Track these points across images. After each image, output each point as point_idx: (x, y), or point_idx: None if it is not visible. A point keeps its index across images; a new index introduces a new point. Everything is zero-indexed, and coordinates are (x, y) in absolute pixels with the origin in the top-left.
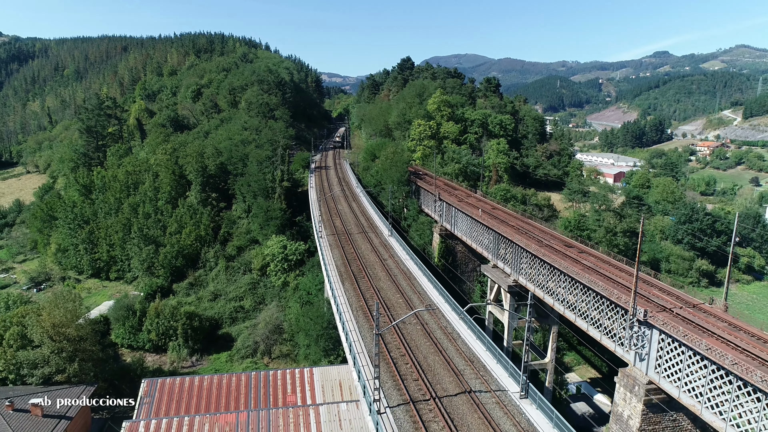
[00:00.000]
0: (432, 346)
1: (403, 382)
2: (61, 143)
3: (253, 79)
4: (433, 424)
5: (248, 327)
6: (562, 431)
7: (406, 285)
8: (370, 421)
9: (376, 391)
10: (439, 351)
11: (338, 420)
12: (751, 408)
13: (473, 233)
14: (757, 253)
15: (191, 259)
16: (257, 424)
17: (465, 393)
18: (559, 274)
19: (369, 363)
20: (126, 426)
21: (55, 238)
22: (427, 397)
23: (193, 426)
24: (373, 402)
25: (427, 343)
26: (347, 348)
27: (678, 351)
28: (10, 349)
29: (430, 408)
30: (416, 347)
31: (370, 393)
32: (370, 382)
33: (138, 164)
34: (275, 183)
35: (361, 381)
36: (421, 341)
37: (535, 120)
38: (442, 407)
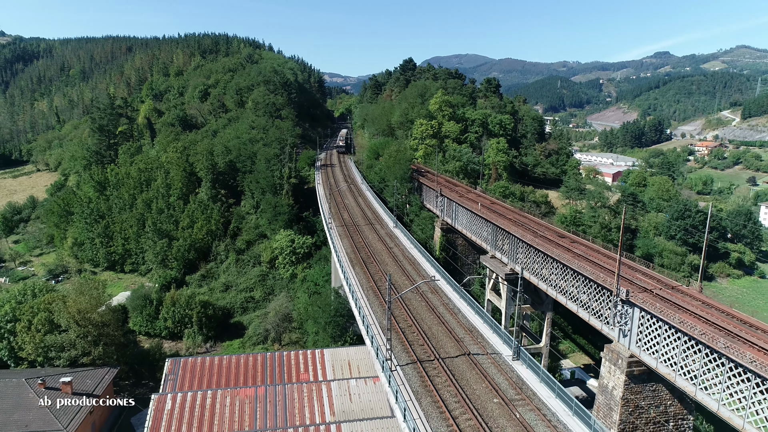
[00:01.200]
0: (435, 318)
1: (411, 346)
2: (70, 142)
3: (259, 79)
4: (436, 378)
5: (259, 316)
6: (547, 383)
7: (411, 269)
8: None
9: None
10: (441, 323)
11: (348, 394)
12: (717, 372)
13: (473, 226)
14: (748, 249)
15: (203, 252)
16: (274, 397)
17: (464, 355)
18: (552, 261)
19: (380, 332)
20: (154, 398)
21: (71, 233)
22: (432, 358)
23: (216, 398)
24: (386, 361)
25: (431, 316)
26: (360, 320)
27: (656, 326)
28: (39, 334)
29: (434, 366)
30: (421, 320)
31: (383, 354)
32: (382, 347)
33: (150, 162)
34: (283, 180)
35: (374, 345)
36: (425, 315)
37: (533, 120)
38: (444, 365)
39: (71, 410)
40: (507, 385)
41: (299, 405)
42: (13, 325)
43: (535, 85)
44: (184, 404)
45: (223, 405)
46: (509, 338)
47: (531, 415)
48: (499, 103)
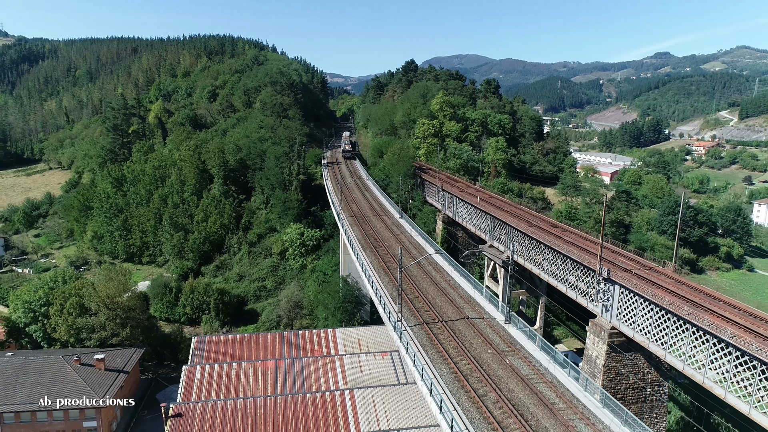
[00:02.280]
0: (439, 291)
1: (418, 312)
2: (82, 141)
3: (266, 80)
4: (440, 335)
5: (271, 303)
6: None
7: (416, 252)
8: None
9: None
10: (444, 294)
11: (359, 367)
12: (683, 337)
13: (472, 219)
14: (737, 244)
15: (217, 244)
16: (292, 369)
17: (463, 319)
18: (544, 248)
19: (390, 301)
20: (185, 369)
21: (91, 226)
22: (436, 320)
23: (240, 369)
24: (397, 321)
25: (435, 289)
26: (373, 293)
27: (633, 300)
28: (70, 317)
29: (438, 326)
30: (426, 292)
31: (395, 317)
32: (394, 314)
33: (163, 159)
34: (292, 176)
35: (386, 311)
36: (430, 288)
37: (531, 119)
38: (446, 326)
39: (105, 384)
40: (499, 341)
41: (315, 375)
42: (46, 309)
43: (536, 85)
44: (212, 374)
45: (247, 375)
46: (503, 307)
47: (518, 362)
48: (499, 103)
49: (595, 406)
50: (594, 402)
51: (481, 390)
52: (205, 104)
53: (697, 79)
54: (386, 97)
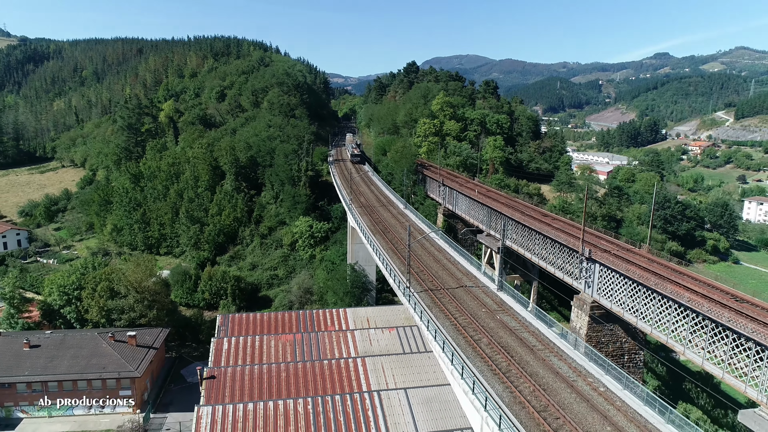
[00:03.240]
0: (440, 266)
1: (423, 282)
2: (94, 140)
3: (272, 81)
4: (442, 299)
5: (283, 290)
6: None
7: (419, 236)
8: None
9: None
10: (445, 269)
11: (369, 340)
12: (651, 305)
13: (471, 211)
14: (723, 237)
15: (230, 236)
16: (309, 341)
17: (462, 287)
18: (536, 234)
19: (399, 273)
20: (214, 341)
21: (110, 220)
22: (439, 288)
23: (262, 341)
24: (407, 288)
25: (437, 265)
26: (383, 267)
27: (611, 276)
28: (101, 299)
29: (440, 292)
30: (430, 267)
31: (404, 284)
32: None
33: (177, 157)
34: (301, 172)
35: (396, 280)
36: (433, 264)
37: (528, 119)
38: (447, 292)
39: (137, 358)
40: (492, 303)
41: (329, 346)
42: (78, 292)
43: (535, 86)
44: (237, 345)
45: (269, 346)
46: (496, 278)
47: (507, 318)
48: (497, 103)
49: (568, 348)
50: (567, 345)
51: (475, 336)
52: (214, 104)
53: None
54: (388, 97)
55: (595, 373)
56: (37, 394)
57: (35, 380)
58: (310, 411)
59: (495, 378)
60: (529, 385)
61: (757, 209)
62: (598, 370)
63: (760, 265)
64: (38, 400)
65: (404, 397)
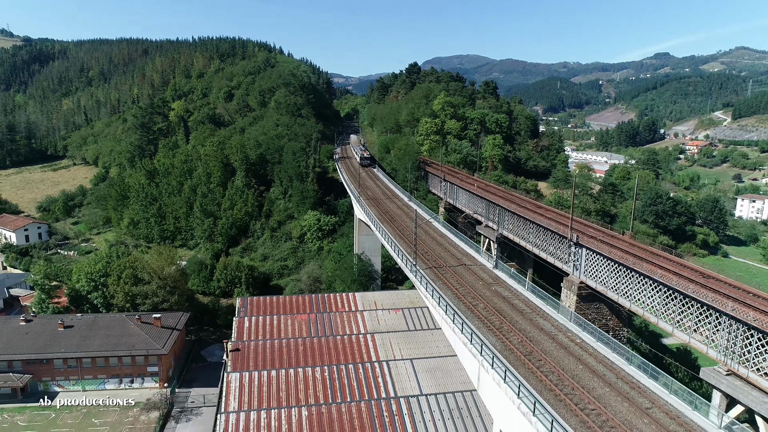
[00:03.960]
0: (442, 249)
1: (427, 260)
2: (105, 138)
3: (279, 82)
4: (444, 274)
5: (293, 279)
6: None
7: (423, 224)
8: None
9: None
10: (446, 251)
11: (377, 319)
12: (630, 283)
13: (470, 204)
14: (713, 232)
15: (242, 229)
16: (323, 320)
17: (462, 265)
18: (530, 223)
19: (406, 254)
20: (236, 319)
21: (127, 214)
22: (441, 266)
23: (280, 320)
24: (413, 265)
25: (439, 248)
26: (392, 250)
27: (596, 259)
28: (126, 285)
29: (442, 269)
30: (433, 249)
31: (411, 262)
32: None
33: (189, 154)
34: (309, 169)
35: (404, 260)
36: (435, 247)
37: (527, 119)
38: (449, 269)
39: (162, 337)
40: (488, 278)
41: (341, 325)
42: (105, 279)
43: (536, 86)
44: (257, 323)
45: (285, 324)
46: (492, 258)
47: (501, 289)
48: (496, 103)
49: (552, 311)
50: (551, 309)
51: (473, 302)
52: (222, 104)
53: (694, 80)
54: (390, 97)
55: (574, 330)
56: (72, 370)
57: (70, 357)
58: (326, 377)
59: (489, 332)
60: (518, 337)
61: (750, 206)
62: (577, 328)
63: (748, 258)
64: (73, 375)
65: (410, 366)
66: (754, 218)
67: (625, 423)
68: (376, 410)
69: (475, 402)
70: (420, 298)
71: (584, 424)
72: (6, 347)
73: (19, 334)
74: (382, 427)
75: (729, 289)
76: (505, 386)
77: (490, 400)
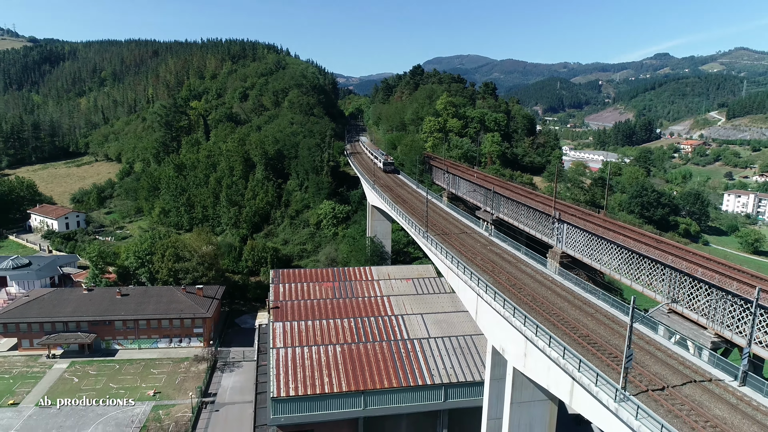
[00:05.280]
0: (448, 222)
1: (437, 230)
2: (125, 136)
3: (291, 83)
4: (450, 240)
5: (312, 260)
6: (506, 243)
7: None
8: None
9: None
10: (452, 224)
11: (391, 287)
12: (600, 249)
13: (471, 193)
14: (694, 222)
15: (264, 217)
16: (344, 287)
17: (464, 233)
18: (522, 206)
19: (419, 225)
20: (272, 286)
21: (158, 204)
22: (447, 233)
23: (309, 287)
24: (426, 233)
25: (445, 222)
26: (405, 223)
27: (574, 232)
28: (170, 262)
29: (448, 236)
30: (440, 223)
31: (423, 231)
32: (421, 232)
33: (212, 150)
34: (323, 163)
35: (416, 229)
36: (442, 221)
37: (524, 118)
38: (453, 237)
39: (205, 304)
40: (484, 242)
41: (360, 290)
42: (150, 257)
43: (536, 86)
44: (290, 289)
45: (314, 289)
46: (489, 229)
47: (494, 248)
48: (495, 103)
49: (533, 263)
50: (532, 261)
51: (472, 256)
52: (237, 103)
53: (692, 80)
54: (395, 97)
55: (548, 273)
56: (130, 331)
57: (128, 319)
58: (352, 326)
59: (484, 273)
60: (505, 276)
61: (735, 201)
62: (550, 271)
63: (728, 247)
64: (131, 335)
65: (420, 319)
66: (740, 212)
67: (576, 320)
68: (394, 348)
69: (474, 342)
70: (428, 270)
71: (548, 320)
72: (74, 311)
73: (84, 301)
74: (400, 360)
75: (673, 249)
76: (495, 303)
77: (485, 322)
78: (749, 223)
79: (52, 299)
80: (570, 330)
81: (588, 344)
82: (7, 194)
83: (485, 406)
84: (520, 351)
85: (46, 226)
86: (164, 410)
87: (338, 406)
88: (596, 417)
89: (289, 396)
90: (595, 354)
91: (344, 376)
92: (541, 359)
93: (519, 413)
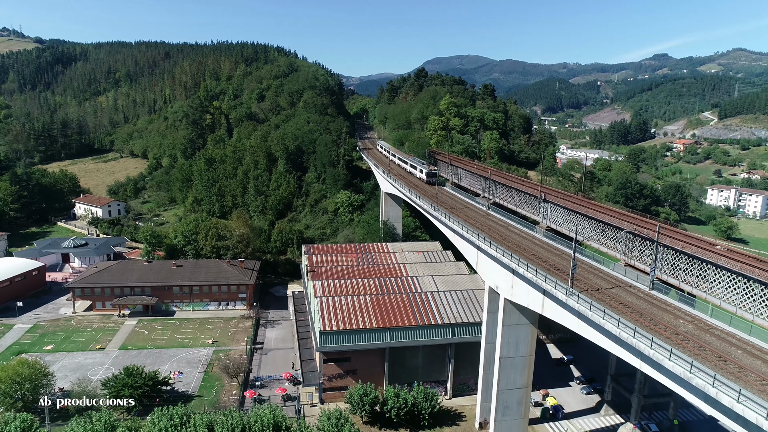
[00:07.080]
0: (454, 201)
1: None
2: (149, 133)
3: (305, 85)
4: (458, 213)
5: (332, 242)
6: (500, 214)
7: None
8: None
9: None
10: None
11: (405, 259)
12: (577, 223)
13: (471, 182)
14: (674, 212)
15: (287, 205)
16: (366, 258)
17: (466, 208)
18: (515, 191)
19: (430, 203)
20: (305, 257)
21: (191, 194)
22: (454, 207)
23: (337, 257)
24: (437, 207)
25: (451, 201)
26: (419, 201)
27: (557, 210)
28: (213, 240)
29: (455, 210)
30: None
31: (434, 206)
32: (433, 207)
33: (236, 146)
34: (339, 157)
35: (428, 205)
36: (449, 200)
37: (520, 117)
38: (459, 210)
39: (248, 273)
40: (483, 214)
41: (380, 259)
42: (195, 236)
43: (535, 86)
44: (321, 258)
45: (340, 259)
46: (486, 204)
47: (490, 217)
48: (494, 103)
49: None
50: (520, 226)
51: (473, 222)
52: (255, 104)
53: (688, 81)
54: (400, 98)
55: (532, 232)
56: (185, 295)
57: (184, 285)
58: (376, 284)
59: (482, 232)
60: (499, 234)
61: (718, 195)
62: (532, 231)
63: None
64: (186, 299)
65: (431, 279)
66: (721, 205)
67: (549, 259)
68: (411, 299)
69: (474, 295)
70: (435, 245)
71: (528, 259)
72: (138, 279)
73: (145, 270)
74: (416, 306)
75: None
76: (490, 250)
77: (483, 268)
78: (729, 215)
79: (119, 269)
80: (543, 263)
81: (554, 270)
82: (52, 185)
83: (483, 332)
84: (508, 285)
85: (91, 214)
86: (224, 353)
87: (369, 339)
88: (557, 315)
89: (333, 330)
90: (558, 275)
91: (373, 317)
92: (522, 286)
93: (508, 333)
